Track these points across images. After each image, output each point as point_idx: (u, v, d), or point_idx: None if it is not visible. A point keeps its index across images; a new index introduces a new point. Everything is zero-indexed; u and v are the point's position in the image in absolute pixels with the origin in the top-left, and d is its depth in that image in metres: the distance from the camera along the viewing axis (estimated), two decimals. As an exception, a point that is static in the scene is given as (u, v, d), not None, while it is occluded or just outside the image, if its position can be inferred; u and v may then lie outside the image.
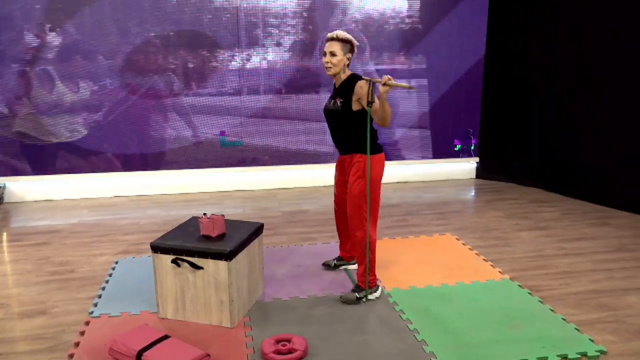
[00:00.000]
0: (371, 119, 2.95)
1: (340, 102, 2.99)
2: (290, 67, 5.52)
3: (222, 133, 5.58)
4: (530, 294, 3.24)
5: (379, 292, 3.18)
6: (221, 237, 2.91)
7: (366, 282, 3.10)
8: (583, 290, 3.32)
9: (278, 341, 2.63)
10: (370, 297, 3.14)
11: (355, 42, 2.99)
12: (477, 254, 3.87)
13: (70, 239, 4.25)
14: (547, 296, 3.22)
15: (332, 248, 3.94)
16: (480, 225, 4.57)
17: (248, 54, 5.39)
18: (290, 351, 2.56)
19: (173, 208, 5.12)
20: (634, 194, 4.83)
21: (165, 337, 2.56)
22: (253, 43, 5.36)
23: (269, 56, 5.44)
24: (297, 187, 5.85)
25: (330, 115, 3.09)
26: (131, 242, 4.17)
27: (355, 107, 2.95)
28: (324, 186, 5.84)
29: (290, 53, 5.46)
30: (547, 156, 5.62)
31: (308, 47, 5.48)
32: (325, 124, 3.21)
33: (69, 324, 2.91)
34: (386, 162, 3.16)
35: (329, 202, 5.24)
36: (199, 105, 5.45)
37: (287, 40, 5.43)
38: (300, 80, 5.58)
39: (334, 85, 3.09)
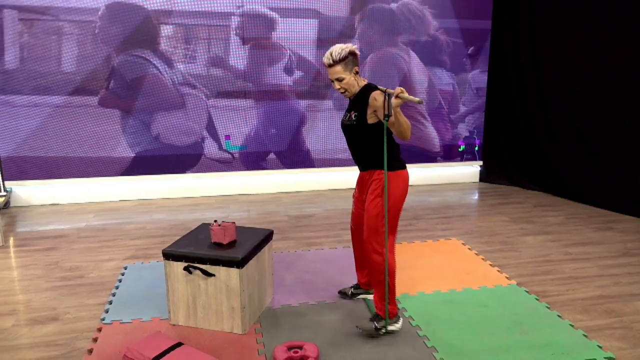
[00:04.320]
0: (390, 132, 2.73)
1: (355, 115, 2.76)
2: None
3: (227, 137, 5.60)
4: (537, 299, 3.26)
5: (400, 323, 2.89)
6: (232, 244, 2.93)
7: (385, 311, 2.81)
8: (590, 295, 3.35)
9: (290, 348, 2.65)
10: (390, 327, 2.85)
11: (354, 48, 2.69)
12: (483, 259, 3.89)
13: (78, 244, 4.26)
14: (554, 302, 3.25)
15: (339, 253, 3.97)
16: (486, 229, 4.59)
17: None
18: (302, 358, 2.58)
19: (179, 212, 5.14)
20: (638, 196, 4.86)
21: (179, 344, 2.58)
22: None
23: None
24: (301, 190, 5.88)
25: (346, 130, 2.87)
26: (139, 247, 4.19)
27: (370, 120, 2.71)
28: (329, 190, 5.87)
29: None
30: (550, 159, 5.65)
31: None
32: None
33: (82, 331, 2.93)
34: None
35: (334, 206, 5.28)
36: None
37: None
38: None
39: (349, 98, 2.87)
